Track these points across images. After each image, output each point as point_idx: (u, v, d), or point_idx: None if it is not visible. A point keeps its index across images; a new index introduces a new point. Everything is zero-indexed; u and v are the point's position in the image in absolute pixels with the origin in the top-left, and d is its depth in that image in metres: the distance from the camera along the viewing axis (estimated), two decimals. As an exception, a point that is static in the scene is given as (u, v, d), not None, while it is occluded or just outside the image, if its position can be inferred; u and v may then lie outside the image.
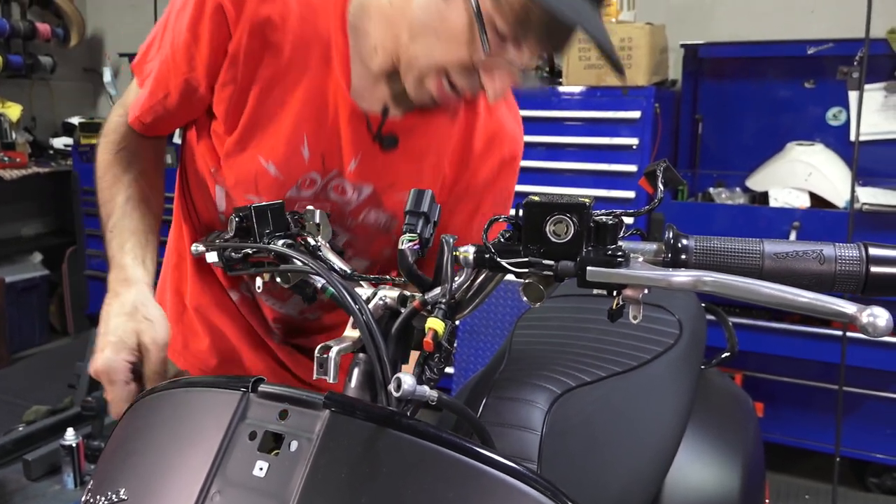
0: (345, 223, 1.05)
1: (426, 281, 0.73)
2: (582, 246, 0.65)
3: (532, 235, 0.67)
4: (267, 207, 0.86)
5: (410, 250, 0.72)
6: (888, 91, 2.78)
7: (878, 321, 0.53)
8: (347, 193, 1.02)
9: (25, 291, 4.10)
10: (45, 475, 2.73)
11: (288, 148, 0.98)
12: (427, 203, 0.75)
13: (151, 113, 1.02)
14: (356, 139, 0.98)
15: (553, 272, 0.66)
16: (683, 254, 0.64)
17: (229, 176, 1.02)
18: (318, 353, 0.68)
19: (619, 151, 2.74)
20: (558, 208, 0.65)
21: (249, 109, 0.97)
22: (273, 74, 0.95)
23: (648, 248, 0.66)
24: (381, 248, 1.09)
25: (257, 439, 0.63)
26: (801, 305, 0.57)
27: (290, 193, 1.01)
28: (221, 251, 0.86)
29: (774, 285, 0.58)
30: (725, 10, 3.21)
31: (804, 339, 2.56)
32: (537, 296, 0.67)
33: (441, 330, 0.67)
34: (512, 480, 0.59)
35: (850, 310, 0.54)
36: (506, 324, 2.82)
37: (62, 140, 4.40)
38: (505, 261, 0.68)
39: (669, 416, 1.15)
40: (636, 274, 0.63)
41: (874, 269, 0.61)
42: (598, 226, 0.65)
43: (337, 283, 0.72)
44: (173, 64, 0.97)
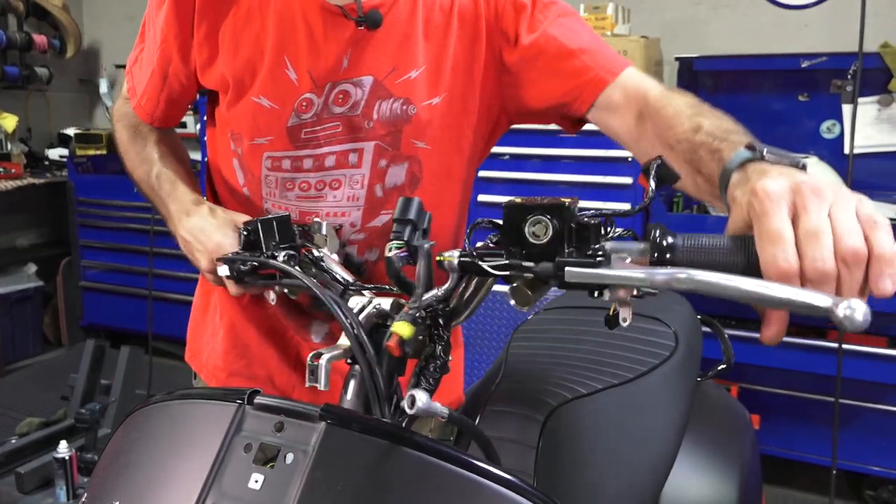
0: (362, 130, 1.03)
1: (413, 287, 0.73)
2: (563, 247, 0.64)
3: (513, 237, 0.66)
4: (272, 220, 0.87)
5: (398, 257, 0.73)
6: (881, 104, 2.80)
7: (856, 314, 0.50)
8: (350, 96, 1.01)
9: (19, 303, 4.08)
10: (38, 488, 2.70)
11: (272, 75, 0.99)
12: (414, 211, 0.75)
13: (155, 100, 1.08)
14: (339, 35, 0.99)
15: (533, 274, 0.65)
16: (669, 252, 0.62)
17: (235, 129, 1.05)
18: (309, 361, 0.69)
19: (615, 164, 2.75)
20: (537, 209, 0.65)
21: (229, 58, 1.00)
22: (239, 15, 0.99)
23: (635, 248, 0.64)
24: (409, 138, 1.04)
25: (252, 451, 0.63)
26: (779, 301, 0.54)
27: (291, 122, 1.01)
28: (231, 264, 0.87)
29: (752, 280, 0.55)
30: (720, 24, 3.24)
31: (800, 352, 2.56)
32: (524, 300, 0.66)
33: (407, 334, 0.67)
34: (510, 494, 0.58)
35: (826, 302, 0.52)
36: (502, 336, 2.82)
37: (58, 151, 4.40)
38: (486, 264, 0.68)
39: (666, 429, 1.15)
40: (614, 273, 0.62)
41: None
42: (579, 226, 0.64)
43: (327, 296, 0.72)
44: (163, 46, 1.03)
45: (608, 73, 1.00)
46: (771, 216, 0.58)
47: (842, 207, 0.57)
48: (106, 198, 3.87)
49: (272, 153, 1.04)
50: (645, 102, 0.96)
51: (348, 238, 1.07)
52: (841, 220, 0.56)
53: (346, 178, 1.04)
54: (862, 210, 0.57)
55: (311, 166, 1.04)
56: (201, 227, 0.96)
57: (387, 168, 1.05)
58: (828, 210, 0.57)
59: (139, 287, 3.76)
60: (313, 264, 0.87)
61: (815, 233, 0.56)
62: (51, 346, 4.32)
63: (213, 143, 1.13)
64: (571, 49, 1.01)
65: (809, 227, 0.57)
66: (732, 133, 0.79)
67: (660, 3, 3.34)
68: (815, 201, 0.57)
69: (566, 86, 1.02)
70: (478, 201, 2.94)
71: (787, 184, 0.59)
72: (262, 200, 1.07)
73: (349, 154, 1.03)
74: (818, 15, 3.03)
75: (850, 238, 0.55)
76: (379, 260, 1.09)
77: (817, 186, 0.58)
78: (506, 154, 2.92)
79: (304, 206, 1.05)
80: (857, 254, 0.55)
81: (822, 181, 0.59)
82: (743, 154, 0.71)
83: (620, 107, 1.00)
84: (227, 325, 1.16)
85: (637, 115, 0.98)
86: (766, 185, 0.60)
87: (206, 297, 1.22)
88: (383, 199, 1.06)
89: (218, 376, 1.17)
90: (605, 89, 1.00)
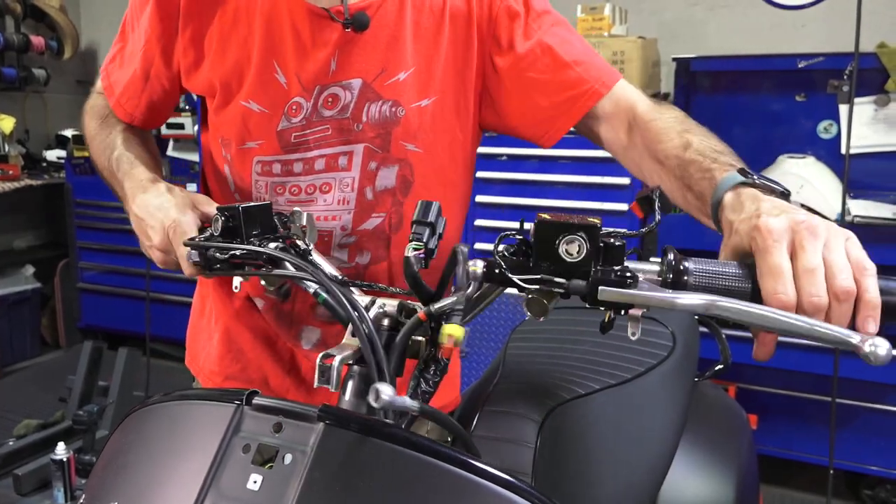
0: (352, 133, 1.02)
1: (429, 292, 0.73)
2: (591, 265, 0.67)
3: (544, 253, 0.68)
4: (255, 208, 0.83)
5: (416, 258, 0.73)
6: (878, 104, 2.80)
7: (879, 350, 0.57)
8: (340, 99, 1.01)
9: (17, 304, 4.08)
10: (36, 490, 2.70)
11: (261, 79, 0.99)
12: (434, 214, 0.75)
13: (136, 100, 1.08)
14: (326, 38, 0.98)
15: (564, 290, 0.68)
16: (685, 276, 0.67)
17: (224, 134, 1.04)
18: (319, 362, 0.68)
19: (612, 164, 2.74)
20: (571, 228, 0.67)
21: (216, 62, 1.00)
22: (226, 19, 0.99)
23: (650, 269, 0.68)
24: (398, 141, 1.04)
25: (251, 452, 0.63)
26: (807, 333, 0.60)
27: (281, 126, 1.01)
28: (205, 250, 0.82)
29: (780, 312, 0.61)
30: (717, 25, 3.24)
31: (798, 351, 2.56)
32: (541, 311, 0.69)
33: (460, 336, 0.68)
34: (508, 493, 0.59)
35: (855, 339, 0.58)
36: (500, 336, 2.82)
37: (55, 152, 4.40)
38: (515, 276, 0.69)
39: (663, 429, 1.15)
40: (648, 295, 0.65)
41: (885, 299, 0.64)
42: (606, 246, 0.67)
43: (337, 290, 0.71)
44: (146, 48, 1.03)
45: (602, 86, 1.02)
46: (773, 253, 0.65)
47: (834, 247, 0.64)
48: (103, 199, 3.86)
49: (262, 157, 1.03)
50: (634, 115, 0.98)
51: (339, 242, 1.07)
52: (834, 260, 0.64)
53: (336, 182, 1.04)
54: (852, 251, 0.65)
55: (301, 170, 1.03)
56: (158, 203, 0.90)
57: (377, 171, 1.04)
58: (822, 249, 0.64)
59: (137, 289, 3.76)
60: (300, 257, 0.84)
61: (812, 270, 0.63)
62: (48, 348, 4.32)
63: (207, 148, 1.13)
64: (566, 61, 1.02)
65: (807, 265, 0.64)
66: (721, 154, 0.84)
67: (657, 3, 3.34)
68: (812, 241, 0.64)
69: (560, 96, 1.03)
70: (476, 202, 2.95)
71: (787, 223, 0.66)
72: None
73: (339, 157, 1.03)
74: (815, 15, 3.03)
75: (841, 276, 0.63)
76: (371, 264, 1.09)
77: (813, 226, 0.65)
78: (503, 155, 2.92)
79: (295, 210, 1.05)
80: (849, 292, 0.63)
81: (816, 220, 0.66)
82: (735, 178, 0.76)
83: (610, 118, 1.02)
84: (222, 329, 1.16)
85: (626, 127, 1.00)
86: (768, 222, 0.66)
87: (203, 302, 1.22)
88: (374, 202, 1.05)
89: (214, 380, 1.17)
90: (599, 101, 1.02)
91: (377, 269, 1.09)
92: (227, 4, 0.99)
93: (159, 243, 0.89)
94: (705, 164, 0.83)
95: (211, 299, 1.18)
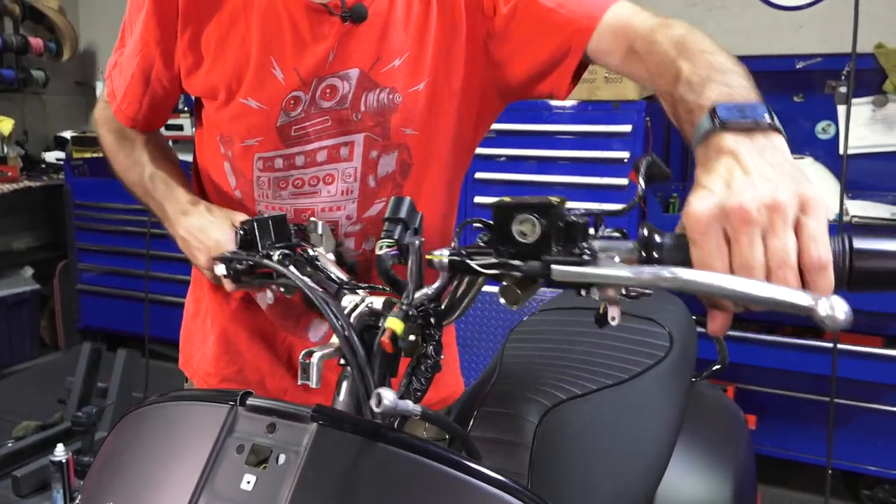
0: (351, 123, 1.03)
1: (404, 286, 0.73)
2: (550, 246, 0.64)
3: (502, 237, 0.67)
4: (269, 219, 0.88)
5: (388, 255, 0.73)
6: (876, 105, 2.80)
7: (837, 313, 0.50)
8: (338, 90, 1.01)
9: (16, 306, 4.08)
10: (34, 492, 2.70)
11: (259, 77, 1.00)
12: (405, 210, 0.75)
13: (138, 104, 1.08)
14: (325, 32, 0.99)
15: (521, 273, 0.66)
16: (657, 251, 0.63)
17: (224, 132, 1.05)
18: (301, 359, 0.69)
19: (611, 165, 2.76)
20: (525, 208, 0.65)
21: (216, 63, 1.01)
22: (223, 20, 0.99)
23: (624, 247, 0.65)
24: (397, 127, 1.04)
25: (245, 452, 0.63)
26: (760, 299, 0.54)
27: (280, 121, 1.01)
28: (227, 262, 0.88)
29: (736, 279, 0.55)
30: (715, 26, 3.25)
31: (796, 352, 2.56)
32: (513, 299, 0.67)
33: (399, 329, 0.67)
34: (502, 494, 0.59)
35: (807, 301, 0.51)
36: (497, 337, 2.82)
37: (54, 154, 4.40)
38: (475, 263, 0.68)
39: (660, 429, 1.16)
40: (601, 272, 0.62)
41: (858, 264, 0.58)
42: (567, 225, 0.64)
43: (318, 295, 0.73)
44: (144, 51, 1.03)
45: (590, 20, 0.97)
46: (702, 247, 0.59)
47: (775, 232, 0.57)
48: (102, 201, 3.87)
49: (263, 154, 1.04)
50: (633, 41, 0.92)
51: (345, 231, 1.07)
52: (773, 249, 0.57)
53: (338, 172, 1.04)
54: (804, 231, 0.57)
55: (303, 163, 1.04)
56: (199, 225, 0.98)
57: (378, 158, 1.05)
58: (759, 235, 0.57)
59: (136, 290, 3.76)
60: (308, 263, 0.87)
61: (747, 268, 0.57)
62: (47, 350, 4.32)
63: (202, 145, 1.13)
64: (549, 6, 0.98)
65: (742, 262, 0.57)
66: (707, 83, 0.75)
67: (655, 4, 3.32)
68: (745, 230, 0.57)
69: (553, 44, 0.99)
70: (474, 203, 2.95)
71: (715, 209, 0.58)
72: (255, 203, 1.07)
73: (340, 148, 1.03)
74: (812, 16, 3.04)
75: (781, 271, 0.56)
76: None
77: (745, 212, 0.57)
78: (502, 156, 2.92)
79: (299, 203, 1.05)
80: (791, 285, 0.56)
81: (756, 197, 0.58)
82: (704, 126, 0.68)
83: (614, 51, 0.96)
84: (219, 330, 1.16)
85: (626, 52, 0.94)
86: (693, 209, 0.60)
87: (197, 304, 1.22)
88: (377, 188, 1.06)
89: (209, 382, 1.17)
90: (593, 35, 0.97)
91: None
92: (224, 6, 1.00)
93: (205, 263, 0.96)
94: (690, 101, 0.75)
95: (206, 301, 1.18)
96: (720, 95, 0.71)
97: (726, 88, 0.73)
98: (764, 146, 0.64)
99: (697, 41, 0.84)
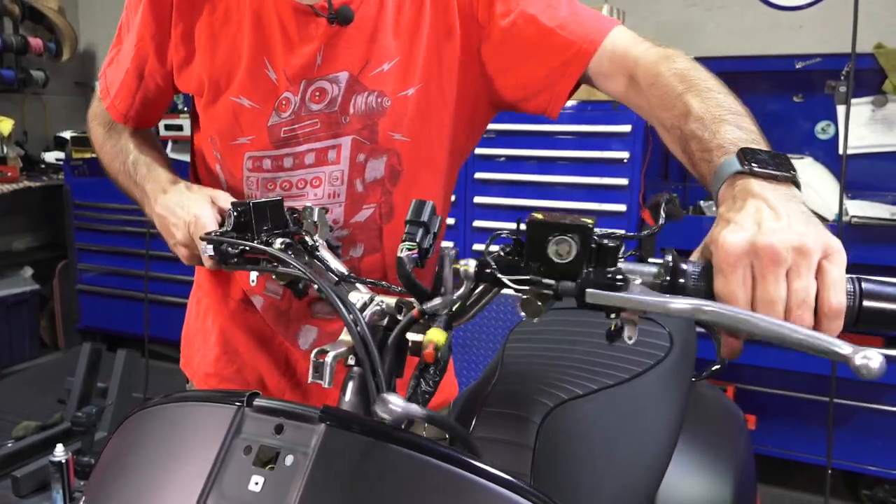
0: (340, 126, 1.03)
1: (424, 290, 0.73)
2: (582, 266, 0.65)
3: (534, 253, 0.67)
4: (266, 204, 0.86)
5: (409, 258, 0.73)
6: (875, 105, 2.81)
7: (871, 363, 0.54)
8: (327, 92, 1.02)
9: (16, 306, 4.07)
10: (34, 492, 2.70)
11: (252, 75, 1.00)
12: (427, 213, 0.75)
13: (130, 99, 1.09)
14: (311, 33, 1.00)
15: (553, 291, 0.67)
16: (682, 278, 0.65)
17: (213, 132, 1.05)
18: (313, 358, 0.69)
19: (610, 165, 2.76)
20: (561, 228, 0.66)
21: (207, 58, 1.01)
22: (216, 15, 1.00)
23: (647, 271, 0.67)
24: (385, 131, 1.04)
25: (252, 454, 0.63)
26: (798, 342, 0.58)
27: (271, 121, 1.02)
28: (218, 245, 0.85)
29: (772, 319, 0.59)
30: (715, 26, 3.25)
31: (795, 352, 2.56)
32: (535, 312, 0.68)
33: (442, 342, 0.67)
34: (508, 493, 0.59)
35: (846, 350, 0.55)
36: (498, 338, 2.82)
37: (54, 154, 4.39)
38: (506, 277, 0.69)
39: (661, 429, 1.16)
40: (634, 298, 0.63)
41: (867, 304, 0.62)
42: (599, 247, 0.66)
43: (330, 291, 0.72)
44: (139, 46, 1.04)
45: (590, 44, 0.98)
46: (728, 279, 0.62)
47: (799, 273, 0.60)
48: (102, 201, 3.87)
49: (253, 153, 1.04)
50: (634, 71, 0.94)
51: (333, 237, 1.07)
52: (796, 290, 0.60)
53: (326, 175, 1.04)
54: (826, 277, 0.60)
55: (291, 165, 1.04)
56: (178, 201, 0.96)
57: (365, 162, 1.05)
58: (784, 275, 0.60)
59: (136, 290, 3.76)
60: (307, 253, 0.86)
61: (770, 303, 0.60)
62: (47, 350, 4.32)
63: (199, 147, 1.14)
64: (550, 27, 0.99)
65: (765, 297, 0.60)
66: (722, 123, 0.78)
67: (655, 4, 3.35)
68: (772, 269, 0.60)
69: (550, 65, 1.00)
70: (474, 203, 2.95)
71: (747, 245, 0.61)
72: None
73: (328, 150, 1.04)
74: (812, 16, 3.04)
75: (800, 310, 0.60)
76: (364, 255, 1.09)
77: (775, 252, 0.60)
78: (501, 156, 2.92)
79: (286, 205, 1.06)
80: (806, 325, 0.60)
81: (785, 240, 0.60)
82: (732, 165, 0.71)
83: (612, 75, 0.98)
84: (218, 331, 1.16)
85: (628, 80, 0.96)
86: (725, 242, 0.62)
87: (199, 304, 1.22)
88: (364, 193, 1.06)
89: (209, 382, 1.17)
90: (592, 59, 0.98)
91: (371, 260, 1.10)
92: (217, 1, 1.00)
93: (182, 238, 0.94)
94: (705, 139, 0.77)
95: (207, 301, 1.19)
96: (739, 139, 0.74)
97: (742, 133, 0.76)
98: (788, 196, 0.67)
99: (703, 77, 0.87)
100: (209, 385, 1.17)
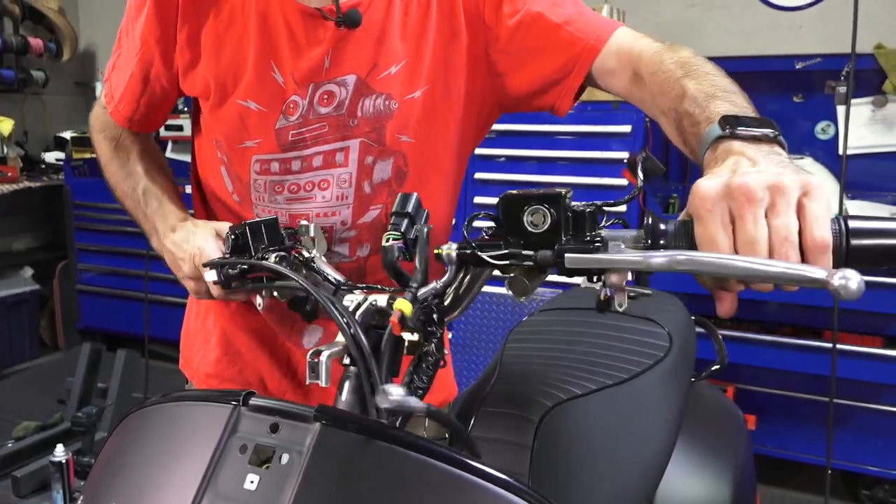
0: (348, 129, 1.03)
1: (409, 279, 0.73)
2: (560, 235, 0.66)
3: (511, 228, 0.68)
4: (261, 223, 0.86)
5: (394, 248, 0.73)
6: (875, 105, 2.81)
7: (850, 283, 0.52)
8: (335, 96, 1.02)
9: (16, 306, 4.08)
10: (34, 492, 2.70)
11: (259, 78, 1.00)
12: (412, 205, 0.76)
13: (135, 104, 1.08)
14: (319, 36, 0.99)
15: (533, 262, 0.67)
16: (662, 238, 0.65)
17: (219, 135, 1.05)
18: (309, 358, 0.69)
19: (610, 165, 2.76)
20: (534, 199, 0.67)
21: (212, 61, 1.01)
22: (221, 18, 1.00)
23: (629, 235, 0.67)
24: (393, 133, 1.05)
25: (248, 453, 0.63)
26: (775, 276, 0.56)
27: (279, 124, 1.02)
28: (220, 268, 0.87)
29: (746, 258, 0.57)
30: (715, 26, 3.25)
31: (795, 352, 2.56)
32: (522, 289, 0.68)
33: (408, 310, 0.68)
34: (506, 494, 0.59)
35: (821, 274, 0.53)
36: (497, 338, 2.82)
37: (54, 154, 4.40)
38: (486, 254, 0.69)
39: (660, 429, 1.16)
40: (614, 258, 0.63)
41: (854, 242, 0.61)
42: (575, 215, 0.66)
43: (322, 296, 0.72)
44: (143, 49, 1.04)
45: (597, 41, 0.99)
46: (707, 224, 0.61)
47: (777, 211, 0.59)
48: (102, 201, 3.87)
49: (260, 156, 1.04)
50: (638, 65, 0.95)
51: (340, 236, 1.07)
52: (776, 227, 0.59)
53: (333, 178, 1.04)
54: (808, 210, 0.59)
55: (299, 168, 1.04)
56: (184, 236, 0.98)
57: (373, 164, 1.05)
58: (763, 214, 0.59)
59: (136, 290, 3.76)
60: (304, 265, 0.87)
61: (751, 243, 0.59)
62: (47, 350, 4.32)
63: (201, 151, 1.13)
64: (557, 23, 1.00)
65: (745, 238, 0.59)
66: (713, 99, 0.78)
67: (655, 5, 3.35)
68: (749, 208, 0.59)
69: (558, 60, 1.01)
70: (474, 203, 2.95)
71: (721, 188, 0.61)
72: (252, 206, 1.07)
73: (336, 153, 1.04)
74: (812, 16, 3.04)
75: (783, 247, 0.58)
76: (371, 254, 1.10)
77: (750, 190, 0.59)
78: (501, 156, 2.93)
79: (294, 207, 1.06)
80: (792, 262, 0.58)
81: (755, 181, 0.59)
82: (714, 132, 0.71)
83: (616, 71, 0.99)
84: (219, 332, 1.16)
85: (632, 75, 0.96)
86: (699, 187, 0.62)
87: (199, 305, 1.22)
88: (372, 195, 1.06)
89: (210, 383, 1.17)
90: (598, 56, 0.99)
91: (377, 259, 1.10)
92: (222, 4, 1.00)
93: (188, 271, 0.96)
94: (695, 114, 0.78)
95: (207, 303, 1.18)
96: (727, 110, 0.74)
97: (732, 106, 0.75)
98: (769, 152, 0.66)
99: (702, 64, 0.87)
100: (210, 386, 1.17)
